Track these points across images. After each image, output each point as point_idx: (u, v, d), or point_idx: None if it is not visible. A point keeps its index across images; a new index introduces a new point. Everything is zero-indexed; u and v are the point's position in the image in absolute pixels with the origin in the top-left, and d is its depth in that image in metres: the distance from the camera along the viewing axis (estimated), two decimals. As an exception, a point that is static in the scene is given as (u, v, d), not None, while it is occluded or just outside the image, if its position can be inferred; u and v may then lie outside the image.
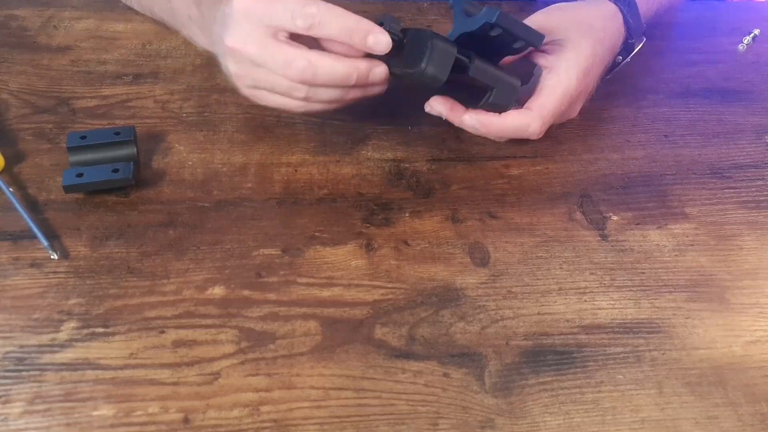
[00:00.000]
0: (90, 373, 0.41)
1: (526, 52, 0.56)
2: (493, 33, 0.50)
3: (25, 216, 0.48)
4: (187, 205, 0.52)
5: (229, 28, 0.48)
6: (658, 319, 0.47)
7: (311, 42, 0.48)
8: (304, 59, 0.47)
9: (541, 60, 0.56)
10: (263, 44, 0.47)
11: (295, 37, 0.48)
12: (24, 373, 0.41)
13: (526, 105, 0.55)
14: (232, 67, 0.50)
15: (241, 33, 0.48)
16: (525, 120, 0.54)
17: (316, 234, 0.51)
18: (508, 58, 0.56)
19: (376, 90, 0.52)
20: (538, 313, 0.47)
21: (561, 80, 0.55)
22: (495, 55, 0.54)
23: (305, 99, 0.50)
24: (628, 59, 0.62)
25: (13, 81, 0.61)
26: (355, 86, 0.50)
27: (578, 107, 0.59)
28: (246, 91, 0.52)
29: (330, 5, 0.47)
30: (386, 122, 0.60)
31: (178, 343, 0.43)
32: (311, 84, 0.48)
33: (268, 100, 0.51)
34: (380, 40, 0.48)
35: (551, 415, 0.41)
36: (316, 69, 0.47)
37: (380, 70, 0.50)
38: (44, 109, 0.58)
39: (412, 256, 0.50)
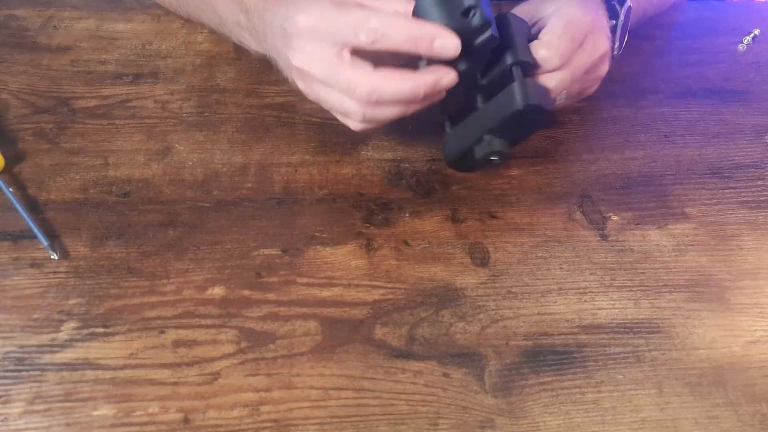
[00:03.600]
0: (90, 373, 0.41)
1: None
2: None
3: (25, 216, 0.49)
4: (187, 205, 0.52)
5: (294, 48, 0.48)
6: (658, 319, 0.47)
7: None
8: (367, 84, 0.46)
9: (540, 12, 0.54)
10: (328, 65, 0.47)
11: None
12: (24, 373, 0.41)
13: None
14: (299, 84, 0.51)
15: (305, 54, 0.48)
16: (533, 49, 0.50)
17: (316, 234, 0.51)
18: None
19: (440, 96, 0.50)
20: (538, 313, 0.47)
21: (564, 10, 0.52)
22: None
23: (364, 122, 0.49)
24: (620, 20, 0.60)
25: (13, 81, 0.61)
26: (423, 99, 0.48)
27: (601, 51, 0.54)
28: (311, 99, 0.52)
29: (392, 15, 0.46)
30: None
31: (178, 343, 0.43)
32: (375, 105, 0.48)
33: (332, 111, 0.52)
34: (447, 45, 0.46)
35: (551, 415, 0.41)
36: (380, 92, 0.47)
37: (448, 80, 0.48)
38: (44, 109, 0.58)
39: (412, 256, 0.50)
